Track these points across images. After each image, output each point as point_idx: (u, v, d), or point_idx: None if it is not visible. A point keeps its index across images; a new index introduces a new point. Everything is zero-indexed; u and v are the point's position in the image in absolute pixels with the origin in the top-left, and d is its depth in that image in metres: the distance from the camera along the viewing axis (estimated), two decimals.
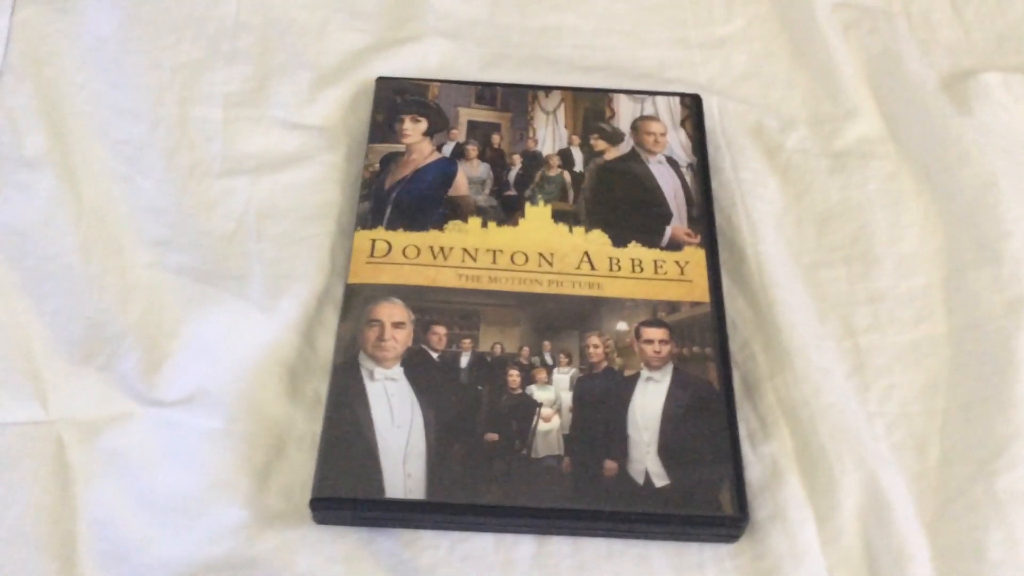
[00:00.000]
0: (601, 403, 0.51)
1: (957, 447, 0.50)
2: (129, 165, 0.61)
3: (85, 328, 0.54)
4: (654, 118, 0.63)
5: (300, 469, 0.51)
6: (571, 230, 0.57)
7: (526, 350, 0.53)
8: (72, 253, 0.57)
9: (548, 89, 0.64)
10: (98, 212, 0.58)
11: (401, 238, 0.56)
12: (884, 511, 0.48)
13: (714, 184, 0.61)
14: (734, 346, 0.55)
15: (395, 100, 0.63)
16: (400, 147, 0.61)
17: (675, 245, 0.57)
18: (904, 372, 0.53)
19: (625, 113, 0.63)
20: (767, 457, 0.51)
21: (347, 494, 0.47)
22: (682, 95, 0.65)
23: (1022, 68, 0.66)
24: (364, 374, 0.51)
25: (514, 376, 0.52)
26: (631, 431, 0.50)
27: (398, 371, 0.51)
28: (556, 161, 0.61)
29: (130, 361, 0.52)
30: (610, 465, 0.49)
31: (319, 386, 0.53)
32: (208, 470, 0.50)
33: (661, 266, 0.56)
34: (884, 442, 0.51)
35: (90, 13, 0.67)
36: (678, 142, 0.62)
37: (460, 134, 0.62)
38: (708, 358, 0.53)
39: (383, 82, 0.64)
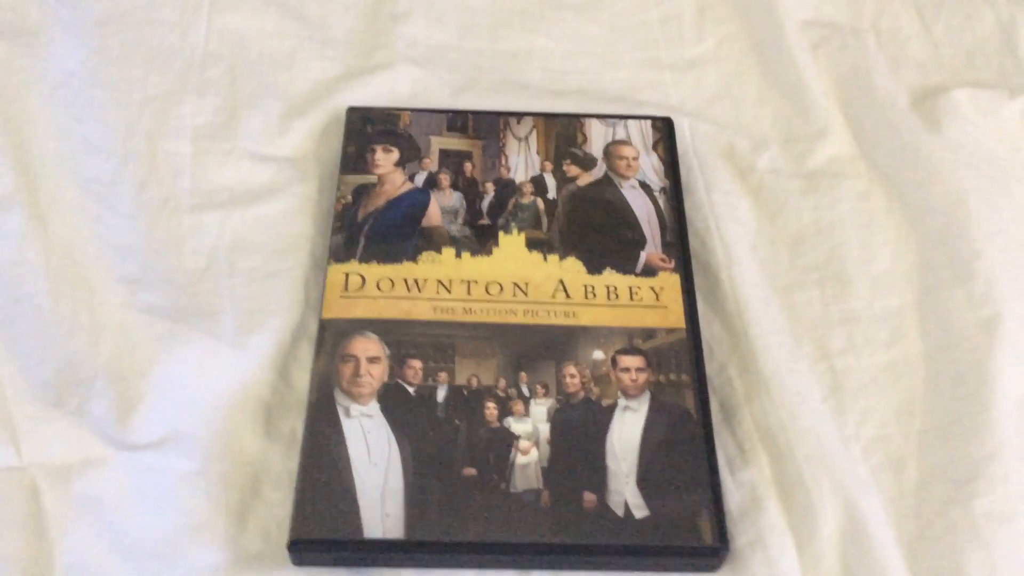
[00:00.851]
0: (579, 434, 0.51)
1: (934, 469, 0.50)
2: (99, 202, 0.60)
3: (56, 370, 0.53)
4: (626, 142, 0.63)
5: (277, 509, 0.50)
6: (545, 258, 0.57)
7: (503, 382, 0.52)
8: (42, 294, 0.56)
9: (520, 115, 0.64)
10: (67, 251, 0.58)
11: (375, 271, 0.56)
12: (863, 536, 0.48)
13: (687, 206, 0.61)
14: (711, 371, 0.55)
15: (366, 130, 0.63)
16: (372, 178, 0.61)
17: (650, 271, 0.57)
18: (880, 394, 0.53)
19: (597, 138, 0.63)
20: (746, 484, 0.51)
21: (325, 535, 0.47)
22: (653, 119, 0.65)
23: (990, 83, 0.67)
24: (340, 411, 0.51)
25: (491, 409, 0.51)
26: (610, 462, 0.50)
27: (374, 407, 0.51)
28: (529, 188, 0.61)
29: (102, 405, 0.52)
30: (589, 497, 0.49)
31: (295, 424, 0.53)
32: (184, 512, 0.50)
33: (636, 292, 0.56)
34: (861, 465, 0.51)
35: (56, 47, 0.66)
36: (650, 166, 0.62)
37: (432, 163, 0.62)
38: (685, 385, 0.53)
39: (354, 112, 0.64)
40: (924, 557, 0.48)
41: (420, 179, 0.61)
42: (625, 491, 0.49)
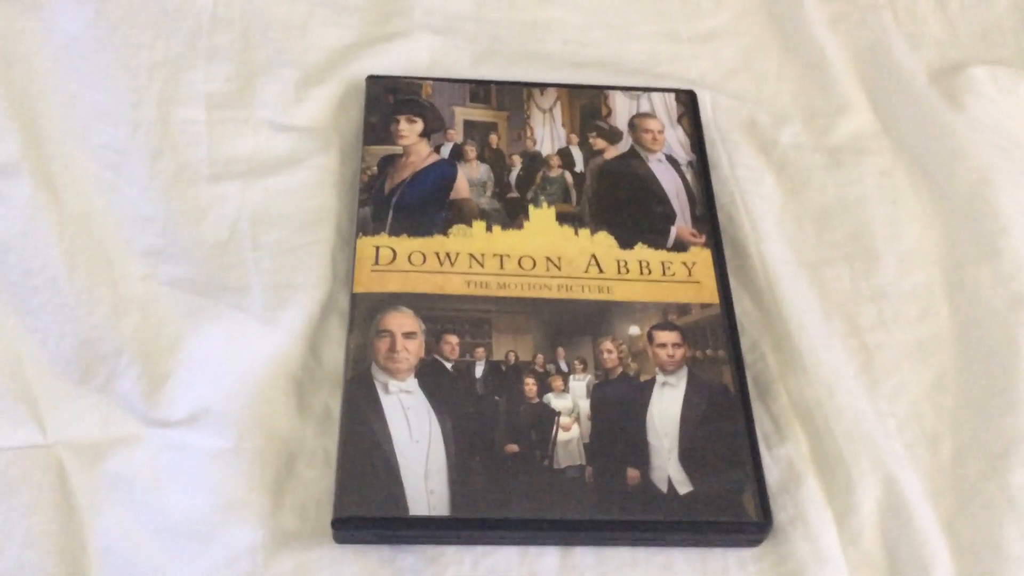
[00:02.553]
0: (619, 410, 0.50)
1: (969, 445, 0.51)
2: (111, 171, 0.58)
3: (77, 346, 0.52)
4: (651, 115, 0.63)
5: (313, 486, 0.49)
6: (577, 232, 0.57)
7: (540, 357, 0.52)
8: (57, 266, 0.54)
9: (543, 86, 0.63)
10: (81, 221, 0.56)
11: (405, 244, 0.55)
12: (903, 511, 0.49)
13: (712, 181, 0.61)
14: (743, 347, 0.55)
15: (388, 100, 0.61)
16: (397, 149, 0.59)
17: (681, 246, 0.57)
18: (912, 370, 0.54)
19: (621, 110, 0.63)
20: (783, 459, 0.51)
21: (370, 513, 0.46)
22: (677, 91, 0.64)
23: (1007, 61, 0.67)
24: (378, 387, 0.50)
25: (530, 385, 0.51)
26: (651, 438, 0.50)
27: (412, 383, 0.50)
28: (556, 161, 0.60)
29: (129, 380, 0.50)
30: (632, 474, 0.48)
31: (328, 399, 0.52)
32: (218, 491, 0.49)
33: (669, 267, 0.56)
34: (897, 441, 0.51)
35: (58, 9, 0.64)
36: (676, 139, 0.62)
37: (457, 134, 0.61)
38: (722, 361, 0.53)
39: (374, 81, 0.62)
40: (963, 531, 0.48)
41: (446, 151, 0.60)
42: (668, 467, 0.49)
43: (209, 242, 0.56)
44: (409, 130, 0.60)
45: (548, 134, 0.61)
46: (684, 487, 0.48)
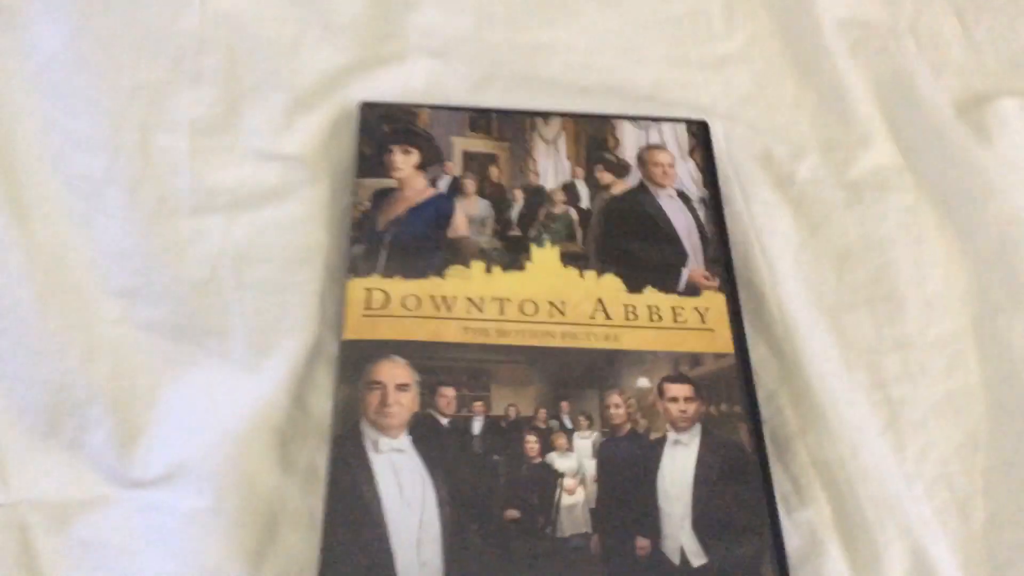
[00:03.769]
0: (628, 471, 0.47)
1: (1003, 510, 0.48)
2: (88, 203, 0.55)
3: (47, 394, 0.48)
4: (661, 147, 0.59)
5: (296, 552, 0.46)
6: (582, 274, 0.53)
7: (543, 412, 0.48)
8: (27, 306, 0.51)
9: (547, 115, 0.60)
10: (55, 257, 0.52)
11: (399, 287, 0.51)
12: None
13: (726, 219, 0.57)
14: (759, 399, 0.51)
15: (382, 129, 0.58)
16: (391, 182, 0.56)
17: (693, 289, 0.53)
18: (940, 428, 0.51)
19: (629, 142, 0.59)
20: (804, 525, 0.48)
21: None
22: (688, 121, 0.61)
23: None
24: (368, 445, 0.46)
25: (531, 443, 0.47)
26: (662, 502, 0.46)
27: (405, 440, 0.47)
28: (561, 197, 0.56)
29: (100, 434, 0.47)
30: (642, 543, 0.45)
31: (314, 455, 0.49)
32: (195, 557, 0.45)
33: (680, 313, 0.52)
34: (926, 506, 0.48)
35: (37, 28, 0.60)
36: (688, 174, 0.58)
37: (456, 167, 0.57)
38: (738, 416, 0.49)
39: (368, 108, 0.59)
40: None
41: (443, 184, 0.56)
42: (681, 536, 0.45)
43: (189, 281, 0.53)
44: (404, 162, 0.57)
45: (552, 167, 0.58)
46: (698, 559, 0.45)
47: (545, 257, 0.54)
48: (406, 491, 0.45)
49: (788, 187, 0.60)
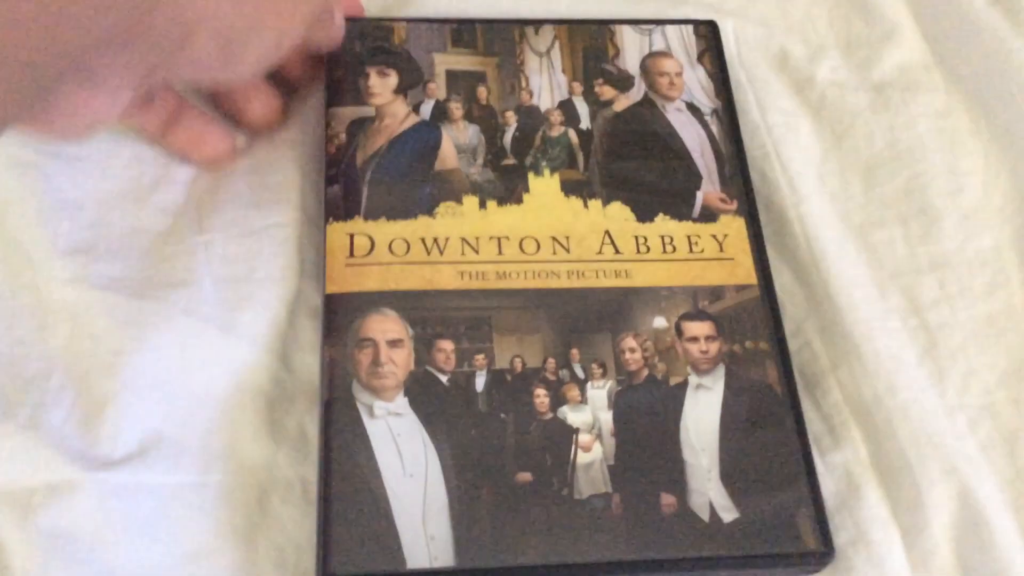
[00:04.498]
0: (647, 422, 0.43)
1: None
2: (30, 147, 0.49)
3: None
4: (666, 54, 0.53)
5: (291, 526, 0.42)
6: (586, 205, 0.48)
7: (551, 362, 0.44)
8: None
9: (538, 24, 0.54)
10: None
11: (385, 230, 0.46)
12: (981, 527, 0.42)
13: (741, 132, 0.52)
14: (786, 333, 0.47)
15: (354, 48, 0.52)
16: (368, 110, 0.50)
17: (709, 215, 0.48)
18: (982, 354, 0.46)
19: (631, 50, 0.53)
20: (839, 468, 0.44)
21: (362, 569, 0.39)
22: (695, 22, 0.55)
23: None
24: (362, 411, 0.42)
25: (541, 397, 0.43)
26: (687, 454, 0.42)
27: (402, 403, 0.42)
28: (558, 117, 0.51)
29: (62, 410, 0.42)
30: (668, 500, 0.41)
31: (302, 419, 0.44)
32: (179, 539, 0.41)
33: (696, 242, 0.47)
34: (969, 441, 0.44)
35: None
36: (697, 83, 0.53)
37: (439, 89, 0.51)
38: (764, 354, 0.45)
39: None
40: None
41: (426, 110, 0.50)
42: (709, 490, 0.41)
43: (150, 230, 0.47)
44: (381, 86, 0.51)
45: (546, 83, 0.52)
46: (729, 514, 0.41)
47: (544, 187, 0.48)
48: (407, 460, 0.41)
49: (807, 92, 0.54)
